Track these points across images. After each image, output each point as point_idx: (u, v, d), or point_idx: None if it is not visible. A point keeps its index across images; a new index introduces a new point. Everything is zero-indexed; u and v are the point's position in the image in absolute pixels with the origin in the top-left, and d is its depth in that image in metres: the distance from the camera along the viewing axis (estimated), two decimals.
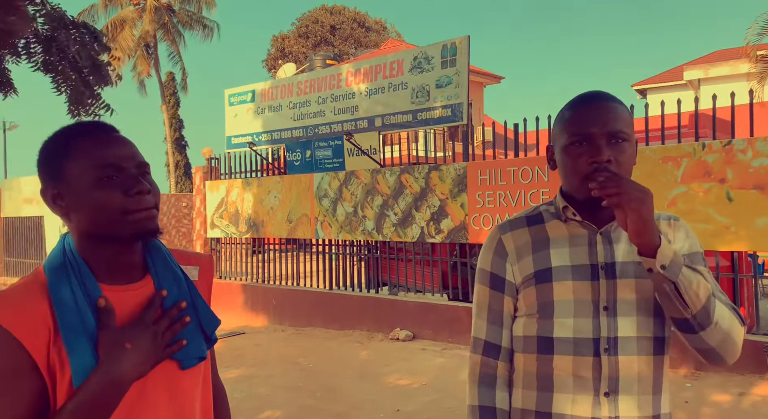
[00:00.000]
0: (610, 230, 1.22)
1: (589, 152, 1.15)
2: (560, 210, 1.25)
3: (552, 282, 1.20)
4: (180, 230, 17.39)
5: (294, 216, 7.92)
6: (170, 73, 27.29)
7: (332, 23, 33.09)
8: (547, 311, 1.20)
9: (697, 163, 4.96)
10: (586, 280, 1.19)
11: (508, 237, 1.29)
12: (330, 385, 5.11)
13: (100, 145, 1.00)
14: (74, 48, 3.97)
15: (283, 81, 8.97)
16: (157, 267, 1.06)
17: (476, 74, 16.38)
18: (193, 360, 1.05)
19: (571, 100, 1.25)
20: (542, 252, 1.24)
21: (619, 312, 1.17)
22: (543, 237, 1.26)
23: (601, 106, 1.18)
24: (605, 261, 1.20)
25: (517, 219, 1.32)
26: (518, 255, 1.26)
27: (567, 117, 1.21)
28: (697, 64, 17.74)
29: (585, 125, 1.17)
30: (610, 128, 1.16)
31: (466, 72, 6.64)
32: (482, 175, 6.19)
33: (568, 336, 1.18)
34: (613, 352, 1.16)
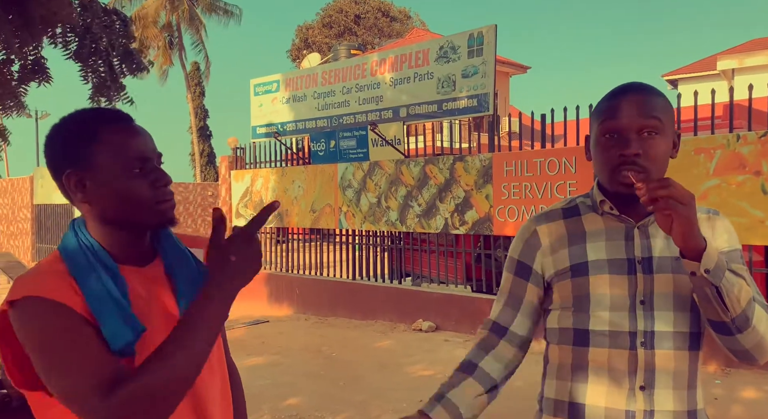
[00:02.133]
0: (648, 224, 1.21)
1: (618, 145, 1.14)
2: (597, 203, 1.24)
3: (588, 275, 1.20)
4: (206, 219, 17.62)
5: (318, 206, 7.95)
6: (195, 62, 27.57)
7: (356, 13, 32.97)
8: (583, 304, 1.19)
9: (731, 154, 4.82)
10: (623, 274, 1.18)
11: (544, 229, 1.28)
12: (352, 374, 5.14)
13: (129, 134, 1.01)
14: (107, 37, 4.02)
15: (307, 71, 8.98)
16: (166, 250, 1.09)
17: (502, 64, 16.17)
18: None
19: (607, 94, 1.23)
20: (578, 245, 1.23)
21: (656, 306, 1.17)
22: (580, 230, 1.25)
23: (633, 98, 1.17)
24: (642, 255, 1.19)
25: (553, 211, 1.31)
26: (553, 248, 1.25)
27: (600, 109, 1.21)
28: (731, 53, 17.23)
29: (615, 117, 1.16)
30: (640, 120, 1.14)
31: (492, 62, 6.55)
32: (508, 166, 6.12)
33: (604, 329, 1.18)
34: (649, 346, 1.16)
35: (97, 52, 4.03)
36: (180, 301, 1.06)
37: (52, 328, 0.91)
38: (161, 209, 1.02)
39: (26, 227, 15.57)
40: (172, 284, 1.07)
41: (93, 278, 0.96)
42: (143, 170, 1.01)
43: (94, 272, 0.96)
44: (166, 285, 1.07)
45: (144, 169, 1.01)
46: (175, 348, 0.92)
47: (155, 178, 1.02)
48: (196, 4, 25.58)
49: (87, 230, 1.03)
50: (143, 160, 1.01)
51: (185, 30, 25.64)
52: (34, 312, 0.91)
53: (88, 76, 4.13)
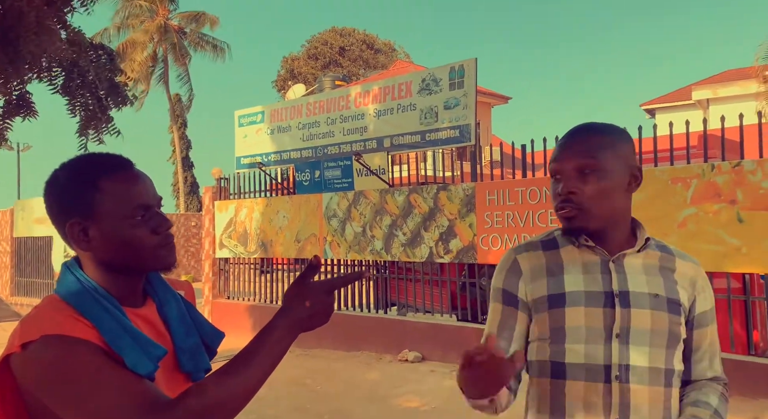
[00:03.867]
0: (622, 258, 1.24)
1: (559, 184, 1.22)
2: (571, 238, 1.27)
3: (565, 307, 1.21)
4: (188, 250, 17.46)
5: (303, 236, 7.94)
6: (177, 95, 27.69)
7: (341, 45, 33.53)
8: (559, 336, 1.20)
9: (706, 184, 4.94)
10: (599, 307, 1.20)
11: (524, 258, 1.30)
12: (338, 408, 5.07)
13: (131, 183, 1.04)
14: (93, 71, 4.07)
15: (292, 102, 9.08)
16: (158, 292, 1.13)
17: (483, 95, 16.48)
18: (201, 373, 1.11)
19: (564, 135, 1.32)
20: (557, 276, 1.25)
21: (632, 340, 1.18)
22: (557, 261, 1.27)
23: (573, 139, 1.24)
24: (620, 289, 1.21)
25: (532, 243, 1.34)
26: (532, 276, 1.27)
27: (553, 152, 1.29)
28: (705, 83, 17.77)
29: (555, 160, 1.24)
30: (575, 161, 1.20)
31: (473, 93, 6.70)
32: (490, 195, 6.20)
33: (580, 361, 1.19)
34: (624, 380, 1.16)
35: (84, 85, 4.07)
36: (176, 339, 1.09)
37: (83, 360, 0.91)
38: (162, 254, 1.05)
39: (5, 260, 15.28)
40: (165, 324, 1.10)
41: (104, 314, 0.97)
42: (144, 217, 1.03)
43: (103, 309, 0.98)
44: (159, 325, 1.09)
45: (145, 216, 1.03)
46: (238, 368, 0.97)
47: (157, 224, 1.04)
48: (184, 37, 25.85)
49: (84, 272, 1.04)
50: (145, 208, 1.03)
51: (171, 61, 25.83)
52: (59, 348, 0.91)
53: (76, 109, 4.15)
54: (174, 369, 1.07)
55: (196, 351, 1.11)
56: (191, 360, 1.10)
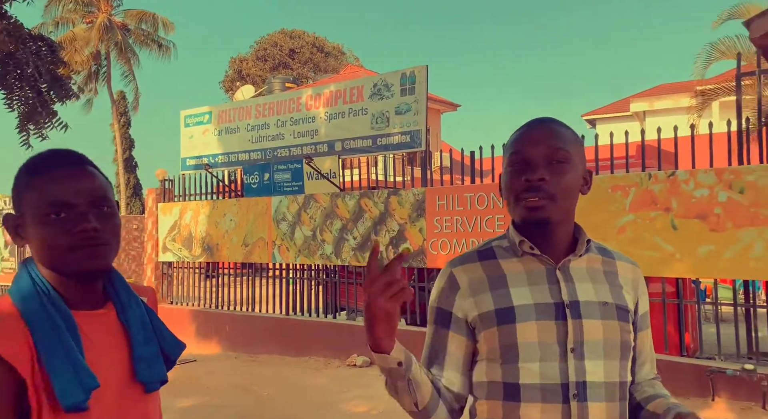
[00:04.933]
0: (568, 264, 1.16)
1: (525, 172, 1.12)
2: (516, 244, 1.17)
3: (515, 322, 1.11)
4: (129, 253, 16.82)
5: (250, 240, 7.79)
6: (121, 92, 26.71)
7: (291, 47, 33.24)
8: (511, 355, 1.11)
9: (644, 192, 5.18)
10: (550, 320, 1.11)
11: (460, 271, 1.19)
12: (285, 414, 4.99)
13: (50, 180, 0.99)
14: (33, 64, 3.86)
15: (241, 103, 8.91)
16: (119, 295, 1.08)
17: (433, 101, 16.71)
18: (156, 384, 1.08)
19: (519, 127, 1.23)
20: (501, 289, 1.15)
21: (587, 355, 1.10)
22: (498, 273, 1.17)
23: (542, 128, 1.16)
24: (570, 299, 1.13)
25: (468, 255, 1.23)
26: (473, 290, 1.16)
27: (510, 142, 1.19)
28: (642, 96, 18.65)
29: (522, 146, 1.14)
30: (547, 149, 1.12)
31: (424, 100, 6.77)
32: (440, 200, 6.28)
33: (536, 382, 1.09)
34: (582, 398, 1.09)
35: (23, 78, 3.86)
36: (135, 347, 1.04)
37: None
38: (76, 257, 0.97)
39: None
40: (125, 330, 1.06)
41: (47, 326, 0.93)
42: (60, 216, 0.97)
43: (48, 319, 0.94)
44: (119, 330, 1.05)
45: (61, 215, 0.97)
46: None
47: (73, 224, 0.97)
48: (129, 35, 24.96)
49: (40, 273, 1.01)
50: (59, 206, 0.97)
51: (114, 59, 24.87)
52: None
53: (14, 103, 3.93)
54: (129, 378, 1.03)
55: (154, 361, 1.07)
56: (148, 369, 1.05)
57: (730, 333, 5.28)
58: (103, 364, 0.98)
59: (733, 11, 11.58)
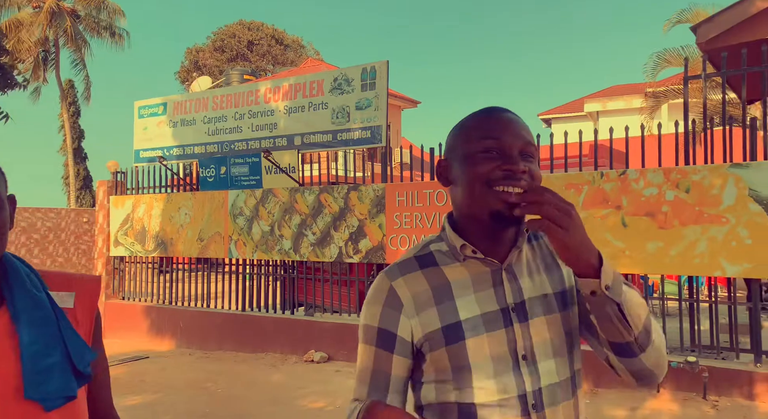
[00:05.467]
0: (512, 263, 1.07)
1: (502, 161, 1.01)
2: (457, 248, 1.07)
3: (465, 339, 1.01)
4: (80, 247, 16.23)
5: (206, 235, 7.63)
6: (69, 80, 25.69)
7: (250, 39, 32.67)
8: (464, 375, 1.01)
9: (596, 190, 5.33)
10: (499, 329, 1.03)
11: (401, 284, 1.06)
12: (240, 411, 4.92)
13: None
14: None
15: (197, 94, 8.70)
16: (14, 296, 0.95)
17: (394, 98, 16.74)
18: (59, 401, 0.92)
19: (473, 113, 1.11)
20: (446, 303, 1.04)
21: (538, 358, 1.03)
22: (442, 282, 1.06)
23: (511, 118, 1.07)
24: (515, 301, 1.04)
25: (406, 262, 1.10)
26: (417, 306, 1.05)
27: (472, 125, 1.08)
28: (596, 97, 19.17)
29: (497, 133, 1.03)
30: (522, 142, 1.04)
31: (385, 95, 6.77)
32: (400, 196, 6.30)
33: (492, 400, 1.00)
34: (540, 407, 1.01)
35: None
36: (24, 358, 0.91)
37: None
38: None
39: None
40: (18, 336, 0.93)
41: None
42: None
43: None
44: (7, 339, 0.92)
45: None
46: None
47: None
48: (80, 21, 23.97)
49: None
50: None
51: (63, 45, 23.86)
52: None
53: None
54: (14, 395, 0.89)
55: (52, 373, 0.92)
56: (37, 386, 0.90)
57: (675, 327, 5.50)
58: None
59: (682, 17, 12.05)
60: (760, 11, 5.07)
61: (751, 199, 4.66)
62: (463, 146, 1.07)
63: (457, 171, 1.07)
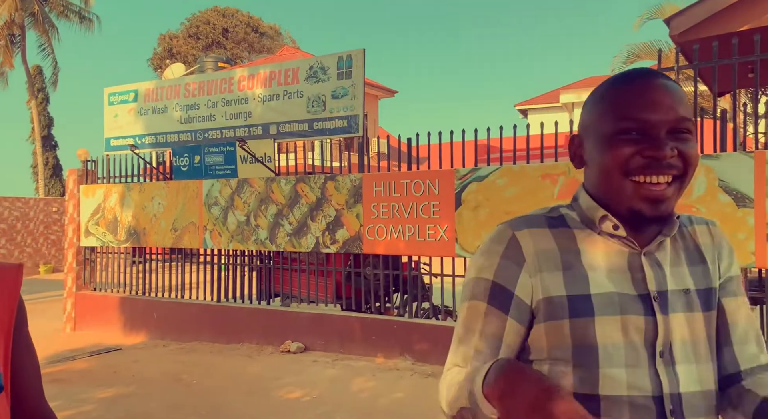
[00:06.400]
0: (654, 251, 0.92)
1: (645, 144, 0.85)
2: (594, 219, 0.92)
3: (594, 315, 0.86)
4: (49, 237, 15.86)
5: (180, 225, 7.52)
6: (37, 66, 24.95)
7: (225, 26, 32.13)
8: (590, 358, 0.85)
9: (571, 180, 5.38)
10: (638, 315, 0.88)
11: (526, 236, 0.91)
12: (216, 402, 4.88)
13: None
14: None
15: (169, 81, 8.53)
16: None
17: (371, 87, 16.66)
18: None
19: (616, 77, 0.92)
20: (576, 270, 0.89)
21: (677, 359, 0.88)
22: (572, 247, 0.91)
23: (660, 85, 0.87)
24: (657, 289, 0.89)
25: (532, 217, 0.95)
26: (541, 264, 0.90)
27: (610, 97, 0.90)
28: (571, 88, 19.36)
29: (638, 109, 0.86)
30: (675, 115, 0.86)
31: (361, 84, 6.72)
32: (377, 186, 6.28)
33: (622, 393, 0.85)
34: (679, 415, 0.86)
35: None
36: None
37: None
38: None
39: None
40: None
41: None
42: None
43: None
44: None
45: None
46: None
47: None
48: (47, 4, 23.23)
49: None
50: None
51: (29, 28, 23.11)
52: None
53: None
54: None
55: None
56: None
57: None
58: None
59: (653, 11, 12.22)
60: (731, 4, 5.15)
61: (721, 189, 4.76)
62: (598, 123, 0.90)
63: (591, 152, 0.92)
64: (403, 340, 6.06)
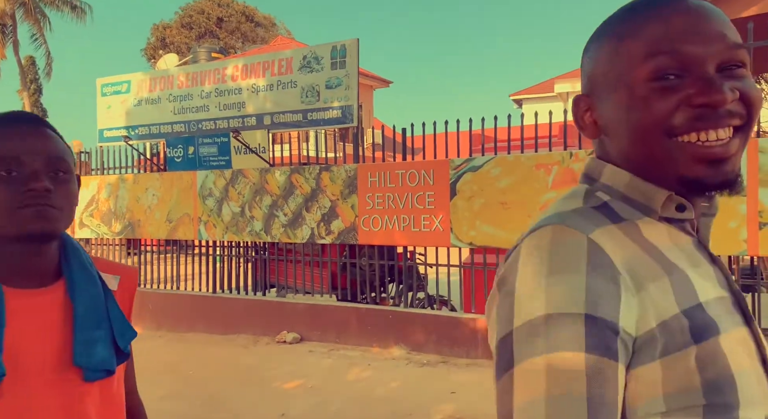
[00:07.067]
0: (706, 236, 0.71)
1: (692, 89, 0.62)
2: (654, 202, 0.66)
3: (719, 333, 0.60)
4: None
5: (174, 216, 7.50)
6: (30, 57, 24.73)
7: (219, 15, 31.87)
8: (727, 396, 0.58)
9: (565, 170, 5.39)
10: (739, 326, 0.64)
11: (604, 238, 0.61)
12: (212, 393, 4.90)
13: (5, 137, 0.96)
14: None
15: (163, 72, 8.47)
16: (72, 271, 1.00)
17: (366, 77, 16.59)
18: (99, 373, 0.98)
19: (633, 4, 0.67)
20: (676, 273, 0.62)
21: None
22: (652, 246, 0.64)
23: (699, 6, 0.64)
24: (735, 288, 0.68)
25: (581, 211, 0.66)
26: (638, 275, 0.60)
27: (632, 31, 0.65)
28: (566, 78, 19.33)
29: (678, 40, 0.62)
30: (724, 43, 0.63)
31: (355, 74, 6.69)
32: (372, 177, 6.27)
33: None
34: None
35: None
36: (76, 329, 0.96)
37: None
38: (21, 216, 0.92)
39: None
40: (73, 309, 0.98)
41: None
42: (10, 174, 0.93)
43: None
44: (61, 310, 0.97)
45: (11, 173, 0.93)
46: None
47: (20, 182, 0.93)
48: None
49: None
50: (10, 163, 0.93)
51: (20, 20, 22.87)
52: None
53: None
54: (66, 363, 0.96)
55: (97, 346, 0.98)
56: (86, 354, 0.96)
57: None
58: (30, 349, 0.92)
59: None
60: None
61: None
62: (618, 70, 0.65)
63: (611, 113, 0.67)
64: (398, 330, 6.09)
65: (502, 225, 5.47)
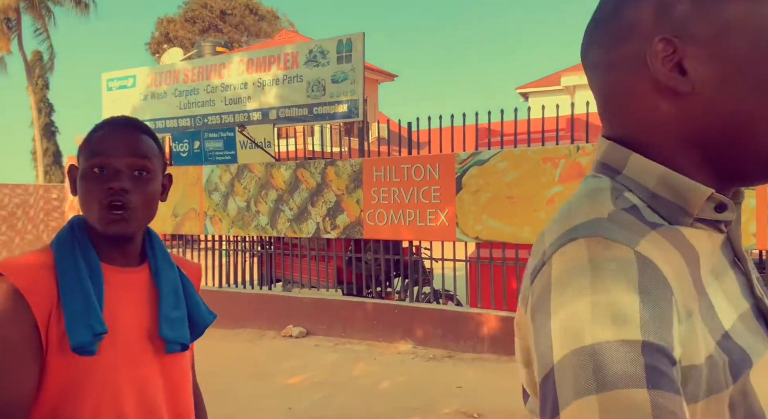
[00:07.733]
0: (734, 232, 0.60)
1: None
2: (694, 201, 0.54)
3: (752, 366, 0.52)
4: (49, 224, 15.88)
5: (180, 211, 7.51)
6: (37, 51, 24.77)
7: (222, 9, 31.82)
8: None
9: (572, 164, 5.36)
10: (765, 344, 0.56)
11: (651, 247, 0.50)
12: (218, 387, 4.92)
13: (102, 138, 1.06)
14: None
15: (168, 67, 8.47)
16: (157, 257, 1.13)
17: (371, 71, 16.53)
18: (177, 345, 1.10)
19: None
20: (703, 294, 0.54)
21: None
22: (692, 255, 0.54)
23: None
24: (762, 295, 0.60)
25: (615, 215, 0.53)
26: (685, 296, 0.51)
27: None
28: (573, 70, 19.20)
29: None
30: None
31: (361, 68, 6.66)
32: (377, 171, 6.26)
33: None
34: None
35: None
36: (162, 307, 1.08)
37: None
38: (100, 215, 1.02)
39: None
40: (156, 291, 1.10)
41: (71, 271, 1.00)
42: (101, 172, 1.03)
43: (74, 265, 1.00)
44: (147, 290, 1.09)
45: (102, 171, 1.03)
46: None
47: (105, 180, 1.02)
48: None
49: (83, 225, 1.08)
50: (99, 162, 1.03)
51: (24, 12, 22.89)
52: None
53: None
54: (150, 335, 1.07)
55: (179, 324, 1.11)
56: (170, 328, 1.09)
57: None
58: (123, 317, 1.04)
59: None
60: None
61: None
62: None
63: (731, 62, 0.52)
64: (404, 324, 6.09)
65: (508, 219, 5.45)
